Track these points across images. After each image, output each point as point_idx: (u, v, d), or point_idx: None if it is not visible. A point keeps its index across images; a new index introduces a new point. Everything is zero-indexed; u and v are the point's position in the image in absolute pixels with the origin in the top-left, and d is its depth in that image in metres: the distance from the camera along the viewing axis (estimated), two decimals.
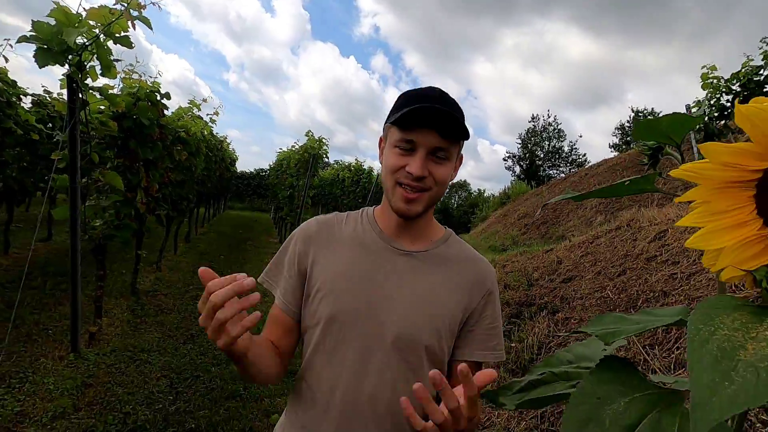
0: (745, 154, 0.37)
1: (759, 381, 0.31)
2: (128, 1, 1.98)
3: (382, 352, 0.79)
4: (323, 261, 0.86)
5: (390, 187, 0.82)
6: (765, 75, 4.64)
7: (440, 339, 0.81)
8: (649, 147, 0.71)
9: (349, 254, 0.85)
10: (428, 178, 0.79)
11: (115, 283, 4.61)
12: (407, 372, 0.80)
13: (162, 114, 3.45)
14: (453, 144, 0.80)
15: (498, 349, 0.87)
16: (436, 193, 0.82)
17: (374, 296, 0.81)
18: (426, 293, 0.83)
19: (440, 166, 0.80)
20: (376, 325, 0.80)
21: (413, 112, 0.75)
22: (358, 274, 0.83)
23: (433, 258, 0.87)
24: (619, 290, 3.57)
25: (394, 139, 0.80)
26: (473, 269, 0.88)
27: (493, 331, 0.87)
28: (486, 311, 0.86)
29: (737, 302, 0.38)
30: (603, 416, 0.49)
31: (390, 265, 0.84)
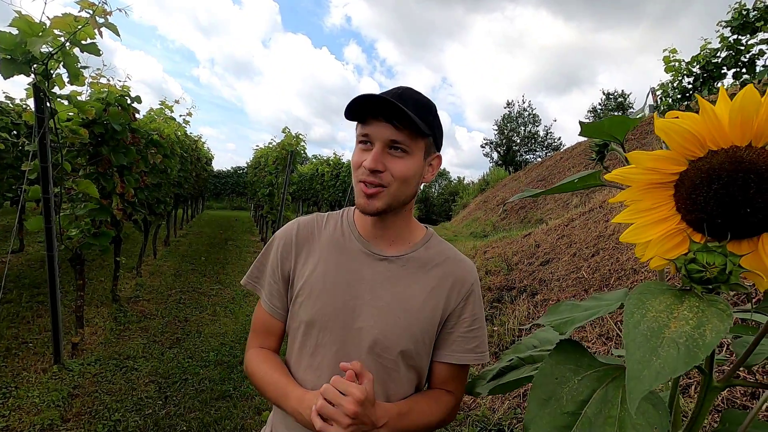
0: (664, 160, 0.43)
1: (679, 354, 0.37)
2: (93, 8, 1.94)
3: (358, 357, 0.80)
4: (303, 265, 0.87)
5: (354, 184, 0.81)
6: (722, 57, 4.84)
7: (416, 344, 0.82)
8: (596, 144, 0.77)
9: (328, 258, 0.85)
10: (386, 174, 0.76)
11: (95, 291, 4.53)
12: (384, 376, 0.81)
13: (134, 118, 3.38)
14: (412, 139, 0.77)
15: (478, 351, 0.85)
16: (397, 189, 0.78)
17: (351, 302, 0.82)
18: (402, 300, 0.82)
19: (398, 161, 0.77)
20: (353, 330, 0.81)
21: (355, 101, 0.74)
22: (335, 278, 0.83)
23: (410, 262, 0.85)
24: (593, 270, 3.72)
25: (357, 135, 0.80)
26: (452, 271, 0.86)
27: (472, 333, 0.85)
28: (465, 313, 0.85)
29: (664, 287, 0.45)
30: (561, 394, 0.55)
31: (368, 271, 0.84)
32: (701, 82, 5.18)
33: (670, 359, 0.35)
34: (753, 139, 0.39)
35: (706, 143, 0.41)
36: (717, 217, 0.41)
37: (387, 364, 0.81)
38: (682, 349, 0.35)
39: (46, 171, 2.36)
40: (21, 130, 4.96)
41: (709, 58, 4.93)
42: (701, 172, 0.41)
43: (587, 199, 7.39)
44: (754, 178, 0.38)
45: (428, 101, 0.82)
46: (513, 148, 29.83)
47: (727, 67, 5.02)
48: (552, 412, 0.52)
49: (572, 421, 0.49)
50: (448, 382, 0.88)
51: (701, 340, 0.35)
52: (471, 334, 0.85)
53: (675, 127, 0.41)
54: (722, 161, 0.40)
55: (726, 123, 0.39)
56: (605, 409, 0.49)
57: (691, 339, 0.36)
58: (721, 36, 4.86)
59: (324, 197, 11.91)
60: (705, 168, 0.41)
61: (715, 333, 0.35)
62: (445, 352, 0.85)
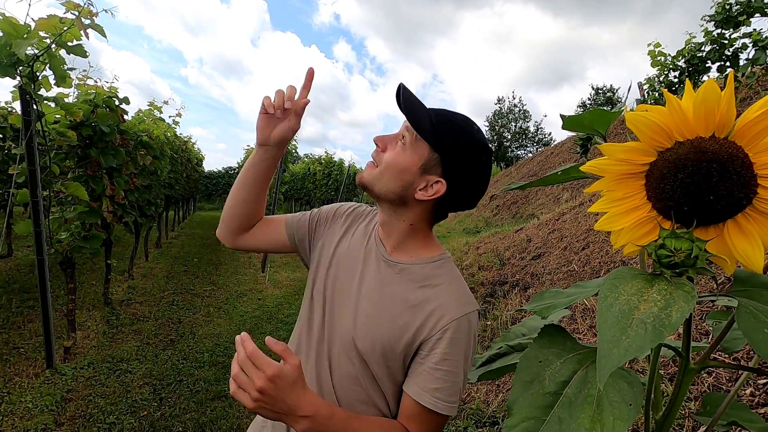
0: (635, 152, 0.45)
1: (646, 334, 0.40)
2: (79, 10, 1.93)
3: (325, 345, 0.85)
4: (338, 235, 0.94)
5: None
6: (707, 51, 4.91)
7: (374, 350, 0.79)
8: (580, 138, 0.79)
9: (353, 243, 0.92)
10: (380, 154, 0.83)
11: (87, 295, 4.50)
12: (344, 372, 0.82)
13: (122, 119, 3.36)
14: (415, 139, 0.79)
15: (438, 397, 0.74)
16: (381, 173, 0.81)
17: (345, 290, 0.86)
18: (380, 306, 0.81)
19: (395, 149, 0.81)
20: (329, 319, 0.86)
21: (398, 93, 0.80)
22: (346, 262, 0.89)
23: (405, 272, 0.83)
24: (584, 263, 3.78)
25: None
26: (440, 298, 0.80)
27: (437, 373, 0.75)
28: (437, 348, 0.76)
29: (636, 272, 0.47)
30: (544, 376, 0.57)
31: (372, 266, 0.86)
32: (686, 76, 5.26)
33: (638, 338, 0.37)
34: (716, 130, 0.41)
35: (673, 135, 0.43)
36: (684, 204, 0.43)
37: (352, 359, 0.81)
38: (649, 329, 0.38)
39: (34, 174, 2.34)
40: (7, 133, 4.89)
41: (693, 52, 5.01)
42: (669, 162, 0.43)
43: (577, 193, 7.47)
44: (717, 167, 0.41)
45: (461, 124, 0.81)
46: (504, 144, 30.00)
47: (711, 61, 5.10)
48: (535, 393, 0.54)
49: (554, 400, 0.52)
50: (411, 420, 0.78)
51: (667, 320, 0.38)
52: (436, 374, 0.75)
53: (644, 120, 0.43)
54: (687, 151, 0.42)
55: (691, 115, 0.41)
56: (585, 389, 0.51)
57: (658, 319, 0.38)
58: (705, 30, 4.94)
59: (316, 196, 11.90)
60: (672, 158, 0.43)
61: (680, 313, 0.38)
62: (409, 383, 0.79)
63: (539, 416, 0.52)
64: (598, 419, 0.47)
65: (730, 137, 0.41)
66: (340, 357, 0.82)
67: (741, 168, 0.40)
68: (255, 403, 0.64)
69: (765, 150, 0.40)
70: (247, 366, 0.64)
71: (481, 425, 2.47)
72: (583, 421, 0.48)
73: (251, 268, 6.88)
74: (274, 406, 0.65)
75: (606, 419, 0.47)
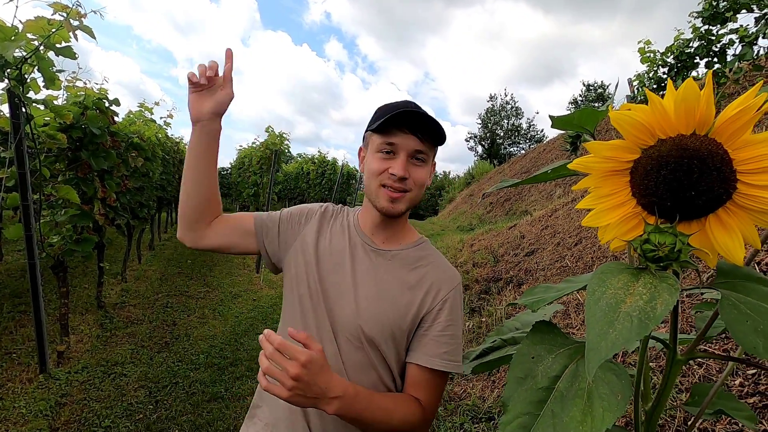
0: (619, 149, 0.47)
1: (632, 326, 0.41)
2: (67, 11, 1.91)
3: (329, 338, 0.87)
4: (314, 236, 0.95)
5: (374, 189, 0.88)
6: (695, 47, 4.97)
7: (384, 333, 0.85)
8: (569, 136, 0.80)
9: (337, 241, 0.94)
10: (409, 180, 0.86)
11: (80, 298, 4.46)
12: (353, 357, 0.86)
13: (113, 121, 3.33)
14: (430, 148, 0.88)
15: (447, 358, 0.85)
16: (415, 194, 0.89)
17: (339, 283, 0.89)
18: (379, 291, 0.88)
19: (419, 169, 0.87)
20: (330, 309, 0.88)
21: (396, 117, 0.82)
22: (334, 257, 0.91)
23: (396, 258, 0.92)
24: (576, 258, 3.81)
25: (376, 145, 0.87)
26: (433, 276, 0.91)
27: (444, 338, 0.86)
28: (440, 317, 0.87)
29: (623, 267, 0.48)
30: (536, 371, 0.58)
31: (361, 258, 0.91)
32: (675, 72, 5.31)
33: (624, 331, 0.39)
34: (696, 127, 0.43)
35: (656, 132, 0.44)
36: (667, 200, 0.44)
37: (359, 346, 0.86)
38: (635, 322, 0.39)
39: (24, 178, 2.32)
40: None
41: (682, 48, 5.06)
42: (652, 159, 0.44)
43: (570, 189, 7.53)
44: (698, 164, 0.42)
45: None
46: (497, 142, 30.10)
47: (699, 57, 5.16)
48: (528, 388, 0.55)
49: (546, 395, 0.53)
50: (418, 387, 0.87)
51: (652, 312, 0.39)
52: (443, 339, 0.86)
53: (627, 119, 0.44)
54: (670, 149, 0.43)
55: (672, 113, 0.43)
56: (576, 383, 0.52)
57: (643, 312, 0.39)
58: (693, 26, 4.99)
59: (310, 195, 11.87)
60: (655, 155, 0.44)
61: (665, 305, 0.39)
62: (417, 354, 0.86)
63: (533, 411, 0.53)
64: (589, 412, 0.48)
65: (710, 134, 0.42)
66: (348, 347, 0.86)
67: (721, 164, 0.42)
68: (290, 391, 0.67)
69: (744, 146, 0.41)
70: (278, 358, 0.67)
71: (477, 421, 2.49)
72: (574, 414, 0.49)
73: (245, 269, 6.86)
74: (308, 391, 0.67)
75: (596, 411, 0.48)
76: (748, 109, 0.40)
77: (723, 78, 4.72)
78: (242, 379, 3.15)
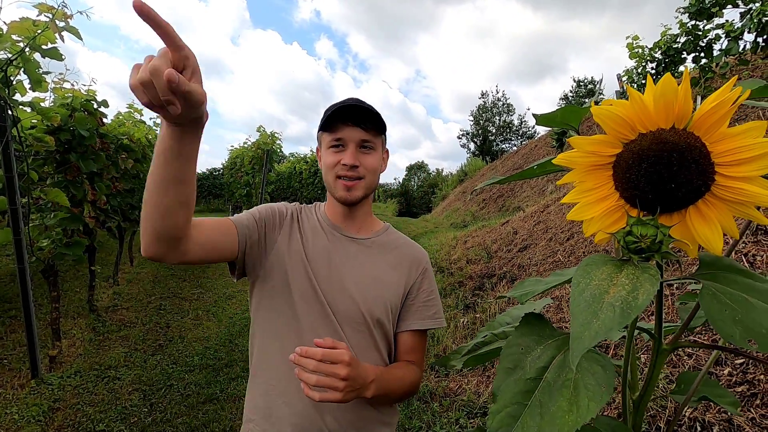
0: (602, 144, 0.48)
1: (615, 316, 0.42)
2: (53, 12, 1.89)
3: (335, 329, 0.90)
4: (289, 236, 0.96)
5: (332, 182, 0.95)
6: (682, 42, 5.03)
7: (387, 312, 0.94)
8: (555, 132, 0.82)
9: (313, 240, 0.97)
10: (360, 167, 0.93)
11: (71, 302, 4.41)
12: (361, 342, 0.92)
13: (101, 123, 3.30)
14: (375, 136, 0.95)
15: (437, 317, 1.00)
16: (370, 181, 0.96)
17: (332, 275, 0.93)
18: (375, 274, 0.96)
19: (368, 156, 0.95)
20: (329, 303, 0.91)
21: (336, 113, 0.91)
22: (316, 255, 0.94)
23: (375, 245, 1.01)
24: (569, 253, 3.85)
25: (326, 142, 0.95)
26: (409, 253, 1.03)
27: (430, 302, 1.01)
28: (423, 285, 1.01)
29: (607, 259, 0.49)
30: (525, 362, 0.59)
31: (341, 250, 0.97)
32: (663, 67, 5.37)
33: (607, 320, 0.40)
34: (675, 121, 0.44)
35: (636, 127, 0.45)
36: (648, 193, 0.45)
37: (365, 330, 0.92)
38: (617, 311, 0.40)
39: (12, 181, 2.29)
40: None
41: (669, 43, 5.12)
42: (633, 153, 0.45)
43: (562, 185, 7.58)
44: (677, 157, 0.43)
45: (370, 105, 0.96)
46: (489, 138, 30.18)
47: (686, 52, 5.22)
48: (517, 379, 0.56)
49: (534, 386, 0.54)
50: (412, 351, 0.99)
51: (634, 302, 0.40)
52: (429, 303, 1.00)
53: (609, 114, 0.45)
54: (650, 143, 0.44)
55: (652, 108, 0.44)
56: (563, 373, 0.53)
57: (625, 302, 0.40)
58: (680, 22, 5.05)
59: (303, 195, 11.84)
60: (636, 149, 0.45)
61: (646, 295, 0.40)
62: (410, 321, 0.98)
63: (522, 401, 0.54)
64: (575, 402, 0.50)
65: (688, 128, 0.43)
66: (355, 335, 0.91)
67: (699, 157, 0.43)
68: (343, 392, 0.72)
69: (721, 139, 0.42)
70: (325, 367, 0.71)
71: (473, 416, 2.51)
72: (561, 404, 0.50)
73: None
74: (355, 384, 0.74)
75: (581, 401, 0.49)
76: (724, 103, 0.41)
77: (710, 73, 4.78)
78: (237, 380, 3.14)
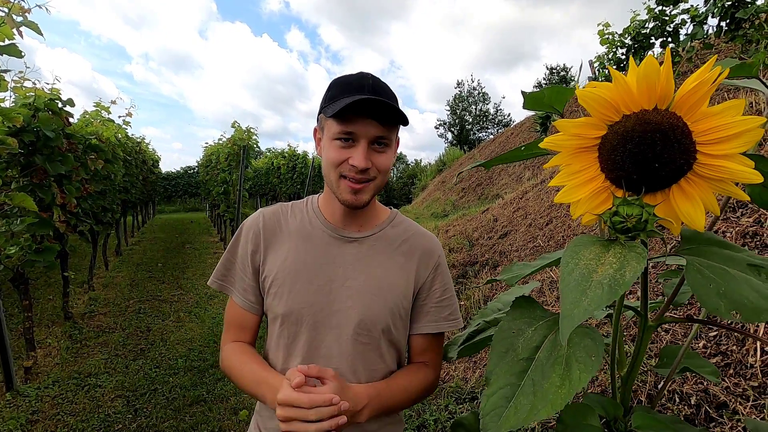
0: (587, 126, 0.48)
1: (603, 293, 0.43)
2: (9, 6, 1.77)
3: (340, 341, 0.82)
4: (273, 256, 0.86)
5: (334, 180, 0.81)
6: (650, 28, 5.15)
7: (395, 319, 0.85)
8: (539, 117, 0.83)
9: (298, 247, 0.86)
10: (372, 169, 0.79)
11: (45, 310, 4.26)
12: (367, 356, 0.84)
13: (67, 123, 3.16)
14: (393, 132, 0.81)
15: (452, 318, 0.90)
16: (380, 181, 0.82)
17: (326, 287, 0.83)
18: (376, 278, 0.85)
19: (382, 155, 0.80)
20: (332, 314, 0.82)
21: (353, 106, 0.73)
22: (308, 267, 0.84)
23: (379, 241, 0.88)
24: (548, 238, 3.93)
25: (333, 132, 0.78)
26: (419, 245, 0.90)
27: (444, 302, 0.90)
28: (435, 285, 0.90)
29: (594, 239, 0.50)
30: (517, 344, 0.60)
31: (339, 255, 0.85)
32: (633, 53, 5.50)
33: (595, 298, 0.40)
34: (658, 102, 0.44)
35: (620, 108, 0.46)
36: (633, 173, 0.46)
37: (369, 342, 0.83)
38: (605, 289, 0.41)
39: None
40: None
41: (638, 29, 5.24)
42: (618, 134, 0.46)
43: (539, 171, 7.71)
44: (660, 137, 0.44)
45: (389, 87, 0.83)
46: (466, 128, 30.42)
47: (654, 37, 5.36)
48: (510, 361, 0.57)
49: (527, 366, 0.55)
50: (425, 353, 0.91)
51: (621, 279, 0.41)
52: (443, 303, 0.90)
53: (593, 96, 0.45)
54: (634, 124, 0.45)
55: (635, 89, 0.44)
56: (555, 351, 0.54)
57: (613, 280, 0.41)
58: (648, 8, 5.17)
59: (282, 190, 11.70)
60: (621, 131, 0.46)
61: (633, 272, 0.41)
62: (421, 324, 0.89)
63: (515, 382, 0.54)
64: (567, 376, 0.51)
65: (670, 108, 0.44)
66: (359, 345, 0.83)
67: (681, 136, 0.44)
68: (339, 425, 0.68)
69: (702, 118, 0.43)
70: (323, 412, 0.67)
71: (461, 402, 2.56)
72: (554, 380, 0.51)
73: None
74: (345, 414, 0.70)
75: (573, 374, 0.50)
76: (704, 83, 0.41)
77: (677, 57, 4.92)
78: (224, 380, 3.10)
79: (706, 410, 1.57)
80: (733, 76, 0.52)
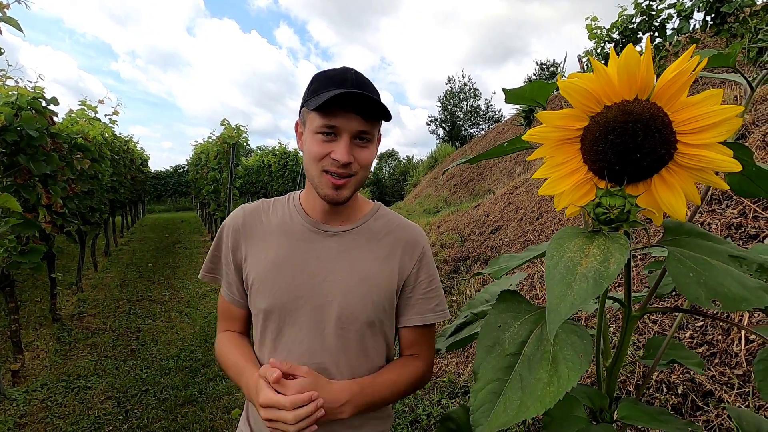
0: (569, 118, 0.48)
1: (588, 286, 0.43)
2: None
3: (324, 335, 0.82)
4: (254, 253, 0.86)
5: (316, 175, 0.80)
6: (637, 23, 5.19)
7: (378, 311, 0.84)
8: (523, 110, 0.82)
9: (279, 244, 0.85)
10: (354, 164, 0.78)
11: (32, 313, 4.19)
12: (350, 349, 0.83)
13: (52, 122, 3.10)
14: (375, 127, 0.80)
15: (439, 310, 0.89)
16: (362, 176, 0.82)
17: (308, 282, 0.82)
18: (358, 270, 0.84)
19: (364, 150, 0.80)
20: (314, 309, 0.82)
21: (335, 99, 0.73)
22: (289, 263, 0.83)
23: (361, 234, 0.88)
24: (539, 232, 3.95)
25: (315, 126, 0.77)
26: (402, 237, 0.89)
27: (430, 293, 0.89)
28: (420, 276, 0.89)
29: (578, 231, 0.50)
30: (504, 339, 0.60)
31: (321, 249, 0.85)
32: (621, 47, 5.53)
33: (581, 291, 0.40)
34: (638, 92, 0.44)
35: (602, 99, 0.46)
36: (615, 164, 0.46)
37: (353, 336, 0.83)
38: (590, 282, 0.41)
39: None
40: None
41: (626, 24, 5.28)
42: (599, 125, 0.46)
43: (529, 166, 7.75)
44: (641, 127, 0.44)
45: (371, 82, 0.83)
46: (457, 124, 30.44)
47: (642, 32, 5.40)
48: (497, 355, 0.57)
49: (514, 361, 0.55)
50: (415, 345, 0.90)
51: (606, 272, 0.41)
52: (430, 295, 0.89)
53: (575, 87, 0.45)
54: (615, 114, 0.45)
55: (615, 80, 0.44)
56: (541, 347, 0.54)
57: (597, 272, 0.41)
58: (635, 2, 5.21)
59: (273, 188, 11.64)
60: (602, 122, 0.46)
61: (617, 264, 0.41)
62: (408, 316, 0.88)
63: (502, 377, 0.54)
64: (555, 373, 0.51)
65: (651, 98, 0.44)
66: (346, 337, 0.83)
67: (662, 126, 0.44)
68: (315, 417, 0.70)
69: (681, 108, 0.43)
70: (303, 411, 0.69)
71: (454, 396, 2.57)
72: (541, 376, 0.51)
73: None
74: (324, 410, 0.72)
75: (561, 372, 0.50)
76: (683, 72, 0.42)
77: (664, 51, 4.97)
78: (216, 380, 3.09)
79: (693, 399, 1.59)
80: (713, 67, 0.52)
